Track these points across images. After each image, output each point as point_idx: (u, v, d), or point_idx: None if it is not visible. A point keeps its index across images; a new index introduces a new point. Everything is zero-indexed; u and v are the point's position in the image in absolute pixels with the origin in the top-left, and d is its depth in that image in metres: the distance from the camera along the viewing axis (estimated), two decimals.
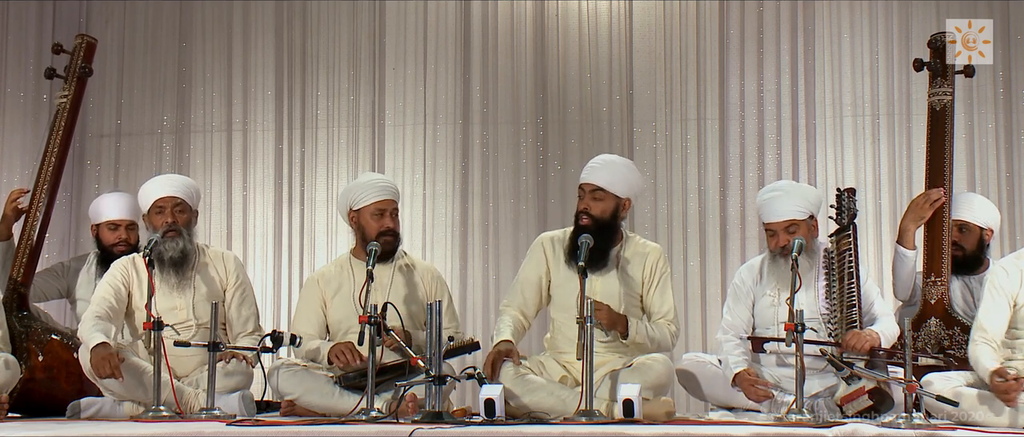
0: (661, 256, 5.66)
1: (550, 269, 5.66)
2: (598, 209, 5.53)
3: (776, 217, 5.50)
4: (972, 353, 5.07)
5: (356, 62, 7.74)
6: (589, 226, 5.50)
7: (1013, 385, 4.81)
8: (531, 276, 5.68)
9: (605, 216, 5.54)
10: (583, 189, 5.58)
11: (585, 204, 5.55)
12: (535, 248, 5.74)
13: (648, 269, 5.61)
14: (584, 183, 5.59)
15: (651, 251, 5.65)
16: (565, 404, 5.25)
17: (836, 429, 4.57)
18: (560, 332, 5.63)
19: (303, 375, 5.52)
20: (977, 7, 7.18)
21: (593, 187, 5.56)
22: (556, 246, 5.67)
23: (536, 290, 5.67)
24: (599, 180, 5.56)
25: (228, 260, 5.95)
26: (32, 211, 6.18)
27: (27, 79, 7.67)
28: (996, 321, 5.10)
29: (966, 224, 5.88)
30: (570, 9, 7.62)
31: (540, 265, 5.68)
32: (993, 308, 5.11)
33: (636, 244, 5.66)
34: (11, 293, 6.03)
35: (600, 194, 5.55)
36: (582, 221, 5.53)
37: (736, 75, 7.47)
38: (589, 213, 5.53)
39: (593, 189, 5.55)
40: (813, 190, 5.71)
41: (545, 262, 5.67)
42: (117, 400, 5.54)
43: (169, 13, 7.85)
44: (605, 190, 5.54)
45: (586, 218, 5.53)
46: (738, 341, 5.52)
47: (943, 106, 5.90)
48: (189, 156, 7.76)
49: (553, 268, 5.65)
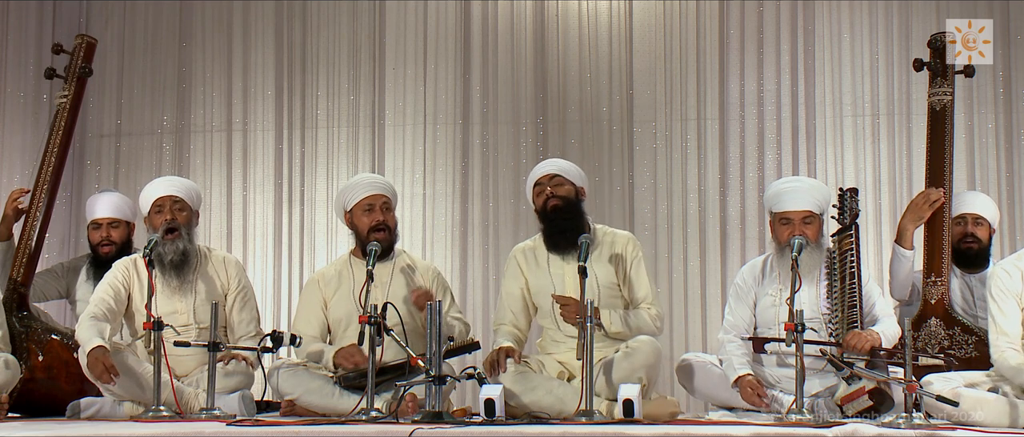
0: (631, 241, 5.71)
1: (527, 278, 5.71)
2: (563, 191, 5.65)
3: (795, 206, 5.48)
4: (1003, 361, 5.04)
5: (356, 62, 7.74)
6: (560, 205, 5.61)
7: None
8: (513, 290, 5.74)
9: (570, 196, 5.65)
10: (541, 182, 5.68)
11: (550, 190, 5.65)
12: (509, 263, 5.81)
13: (620, 257, 5.64)
14: (540, 176, 5.70)
15: (619, 238, 5.72)
16: (564, 403, 5.26)
17: (836, 429, 4.57)
18: (548, 336, 5.72)
19: (303, 375, 5.52)
20: (977, 7, 7.18)
21: (550, 175, 5.69)
22: (528, 254, 5.75)
23: (521, 303, 5.73)
24: (554, 169, 5.71)
25: (230, 264, 5.94)
26: (32, 211, 6.18)
27: (27, 79, 7.67)
28: (1014, 324, 5.09)
29: (980, 218, 5.91)
30: (570, 9, 7.62)
31: (517, 277, 5.73)
32: (1008, 312, 5.10)
33: (605, 234, 5.72)
34: (11, 293, 6.03)
35: (559, 180, 5.67)
36: (551, 204, 5.63)
37: (736, 75, 7.47)
38: (557, 195, 5.63)
39: (551, 177, 5.68)
40: (827, 189, 5.70)
41: (521, 273, 5.73)
42: (117, 400, 5.54)
43: (169, 13, 7.86)
44: (561, 176, 5.68)
45: (555, 199, 5.63)
46: (740, 342, 5.52)
47: (943, 106, 5.90)
48: (189, 156, 7.76)
49: (529, 276, 5.71)
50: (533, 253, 5.73)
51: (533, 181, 5.74)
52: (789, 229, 5.48)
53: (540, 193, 5.69)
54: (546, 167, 5.76)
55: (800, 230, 5.43)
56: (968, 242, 5.88)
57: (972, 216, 5.91)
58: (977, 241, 5.89)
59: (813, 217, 5.48)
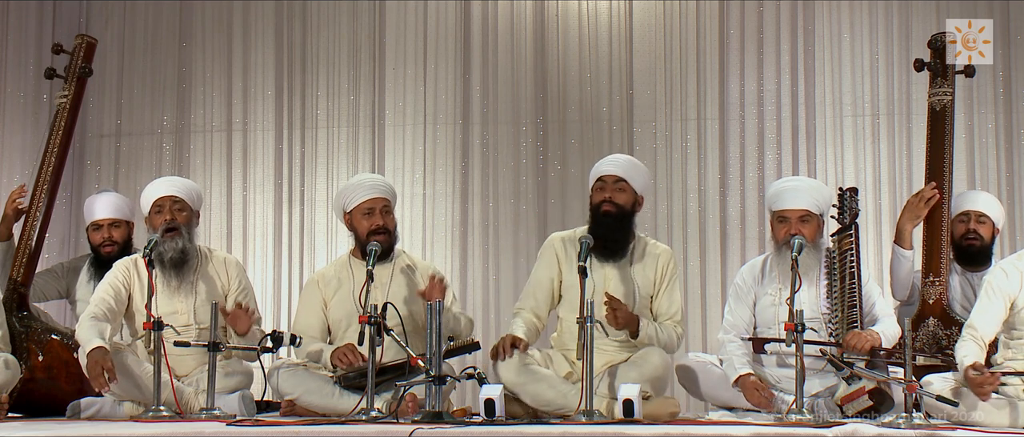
0: (671, 258, 5.71)
1: (562, 270, 5.68)
2: (622, 198, 5.59)
3: (793, 204, 5.48)
4: (958, 348, 5.07)
5: (356, 62, 7.74)
6: (612, 213, 5.55)
7: (988, 378, 4.80)
8: (543, 277, 5.70)
9: (627, 207, 5.60)
10: (604, 180, 5.61)
11: (609, 193, 5.58)
12: (546, 249, 5.76)
13: (660, 271, 5.64)
14: (606, 175, 5.62)
15: (662, 252, 5.70)
16: (566, 399, 5.26)
17: (836, 429, 4.57)
18: (567, 331, 5.64)
19: (303, 375, 5.52)
20: (977, 7, 7.18)
21: (616, 177, 5.61)
22: (567, 246, 5.69)
23: (548, 291, 5.69)
24: (622, 172, 5.63)
25: (230, 264, 5.93)
26: (32, 211, 6.18)
27: (27, 79, 7.67)
28: (988, 321, 5.09)
29: (983, 215, 5.91)
30: (570, 9, 7.62)
31: (552, 266, 5.69)
32: (988, 309, 5.11)
33: (648, 245, 5.70)
34: (11, 293, 6.02)
35: (623, 185, 5.60)
36: (605, 208, 5.56)
37: (736, 75, 7.47)
38: (614, 201, 5.57)
39: (616, 180, 5.61)
40: (828, 190, 5.69)
41: (557, 263, 5.69)
42: (117, 400, 5.53)
43: (169, 13, 7.85)
44: (627, 182, 5.61)
45: (610, 205, 5.56)
46: (740, 342, 5.52)
47: (943, 106, 5.91)
48: (189, 156, 7.76)
49: (565, 268, 5.67)
50: (573, 246, 5.65)
51: (598, 174, 5.66)
52: (786, 227, 5.48)
53: (600, 189, 5.62)
54: (615, 167, 5.66)
55: (796, 229, 5.43)
56: (970, 239, 5.89)
57: (976, 213, 5.91)
58: (979, 238, 5.90)
59: (810, 217, 5.48)
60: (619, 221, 5.56)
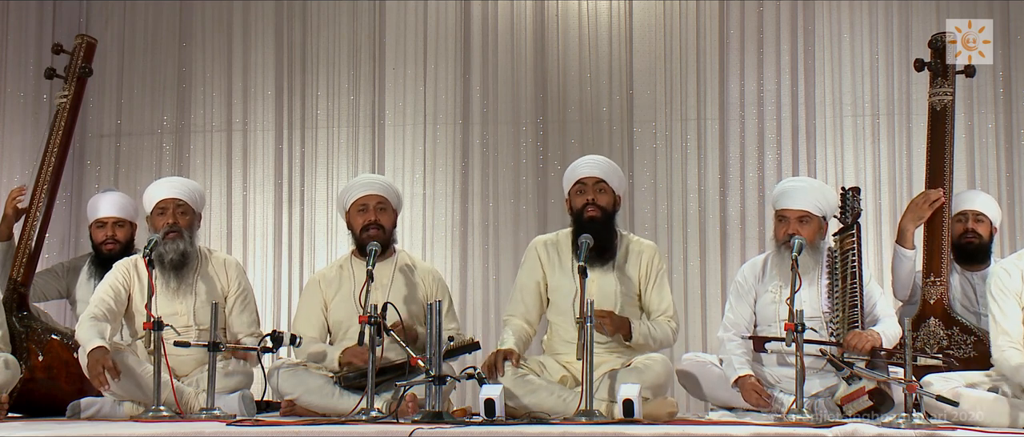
0: (656, 253, 5.66)
1: (546, 273, 5.65)
2: (604, 200, 5.54)
3: (793, 205, 5.48)
4: (1004, 360, 5.01)
5: (356, 62, 7.74)
6: (597, 217, 5.51)
7: None
8: (528, 282, 5.67)
9: (610, 209, 5.55)
10: (585, 183, 5.56)
11: (591, 195, 5.53)
12: (529, 254, 5.72)
13: (644, 267, 5.61)
14: (585, 177, 5.57)
15: (646, 248, 5.66)
16: (566, 404, 5.25)
17: (836, 429, 4.56)
18: (557, 335, 5.63)
19: (303, 375, 5.52)
20: (977, 7, 7.18)
21: (596, 179, 5.56)
22: (550, 249, 5.66)
23: (536, 295, 5.66)
24: (601, 173, 5.58)
25: (230, 266, 5.93)
26: (32, 211, 6.18)
27: (27, 79, 7.67)
28: (1014, 324, 5.07)
29: (981, 214, 5.91)
30: (570, 9, 7.62)
31: (535, 270, 5.67)
32: (1008, 312, 5.08)
33: (631, 242, 5.67)
34: (11, 293, 6.02)
35: (603, 186, 5.56)
36: (589, 212, 5.51)
37: (736, 75, 7.47)
38: (597, 204, 5.52)
39: (596, 181, 5.56)
40: (833, 193, 5.67)
41: (540, 267, 5.66)
42: (117, 400, 5.53)
43: (169, 13, 7.86)
44: (606, 182, 5.57)
45: (594, 209, 5.51)
46: (740, 341, 5.52)
47: (943, 106, 5.91)
48: (189, 156, 7.76)
49: (549, 272, 5.64)
50: (556, 250, 5.65)
51: (576, 177, 5.60)
52: (785, 227, 5.49)
53: (580, 192, 5.57)
54: (592, 168, 5.60)
55: (795, 229, 5.43)
56: (968, 237, 5.89)
57: (973, 213, 5.92)
58: (977, 236, 5.90)
59: (810, 218, 5.48)
60: (604, 224, 5.51)
